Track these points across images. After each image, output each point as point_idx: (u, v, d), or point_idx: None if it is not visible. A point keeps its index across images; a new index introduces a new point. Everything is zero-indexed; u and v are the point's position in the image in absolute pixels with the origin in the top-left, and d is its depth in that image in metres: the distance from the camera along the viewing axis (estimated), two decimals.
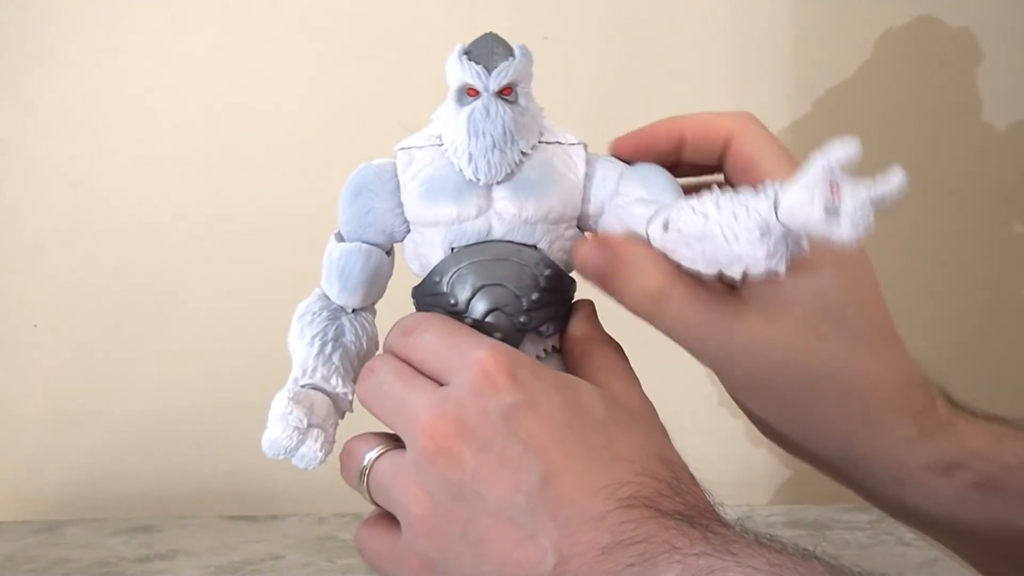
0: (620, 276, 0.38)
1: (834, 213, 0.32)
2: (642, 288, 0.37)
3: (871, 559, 0.61)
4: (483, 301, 0.38)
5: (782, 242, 0.34)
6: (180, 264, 0.75)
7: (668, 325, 0.38)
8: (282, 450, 0.37)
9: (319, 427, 0.38)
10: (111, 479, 0.76)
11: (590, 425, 0.34)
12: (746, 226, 0.34)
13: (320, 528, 0.69)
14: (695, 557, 0.30)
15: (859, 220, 0.32)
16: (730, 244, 0.35)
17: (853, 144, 0.32)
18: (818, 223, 0.32)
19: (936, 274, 0.78)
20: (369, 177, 0.39)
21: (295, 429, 0.37)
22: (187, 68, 0.74)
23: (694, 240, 0.36)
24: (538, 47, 0.39)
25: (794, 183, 0.33)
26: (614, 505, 0.32)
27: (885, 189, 0.32)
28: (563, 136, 0.40)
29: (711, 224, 0.36)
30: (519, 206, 0.38)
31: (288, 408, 0.37)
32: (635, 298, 0.37)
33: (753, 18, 0.75)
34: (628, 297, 0.38)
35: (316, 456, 0.38)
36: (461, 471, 0.34)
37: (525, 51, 0.38)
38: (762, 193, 0.35)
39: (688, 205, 0.37)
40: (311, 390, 0.39)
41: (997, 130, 0.78)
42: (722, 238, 0.35)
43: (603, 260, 0.38)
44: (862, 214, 0.32)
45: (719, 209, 0.36)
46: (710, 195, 0.37)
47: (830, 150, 0.33)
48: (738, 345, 0.37)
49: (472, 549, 0.33)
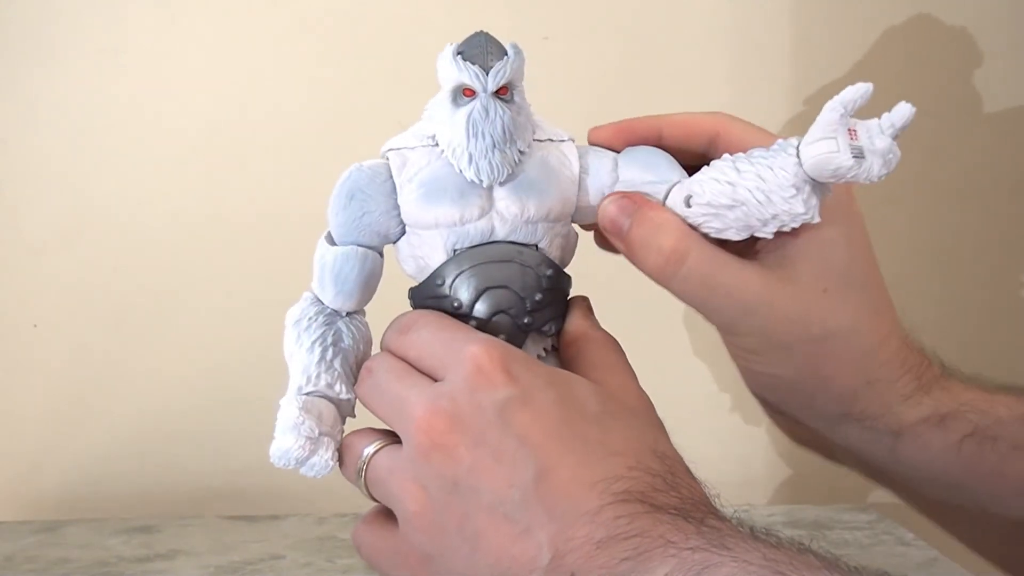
0: (640, 233, 0.38)
1: (860, 155, 0.35)
2: (659, 245, 0.38)
3: (871, 559, 0.61)
4: (487, 304, 0.38)
5: (814, 193, 0.36)
6: (180, 264, 0.75)
7: (682, 284, 0.38)
8: (293, 460, 0.36)
9: (328, 435, 0.37)
10: (111, 479, 0.76)
11: (584, 419, 0.34)
12: (778, 184, 0.36)
13: (320, 528, 0.69)
14: (690, 551, 0.30)
15: (891, 158, 0.35)
16: (764, 206, 0.37)
17: (864, 87, 0.35)
18: (850, 168, 0.35)
19: (935, 274, 0.78)
20: (363, 180, 0.39)
21: (307, 439, 0.36)
22: (187, 68, 0.74)
23: (725, 210, 0.38)
24: (538, 47, 0.39)
25: (812, 135, 0.35)
26: (609, 499, 0.32)
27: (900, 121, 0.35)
28: (553, 132, 0.40)
29: (740, 191, 0.37)
30: (521, 206, 0.38)
31: (300, 418, 0.37)
32: (652, 255, 0.38)
33: (753, 18, 0.75)
34: (646, 254, 0.39)
35: (327, 465, 0.37)
36: (456, 466, 0.34)
37: (518, 50, 0.38)
38: (780, 151, 0.37)
39: (707, 177, 0.38)
40: (317, 398, 0.38)
41: (997, 130, 0.78)
42: (755, 202, 0.37)
43: (626, 216, 0.39)
44: (893, 153, 0.35)
45: (742, 175, 0.37)
46: (724, 163, 0.38)
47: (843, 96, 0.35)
48: (754, 302, 0.38)
49: (468, 544, 0.33)
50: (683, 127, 0.41)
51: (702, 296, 0.39)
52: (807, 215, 0.37)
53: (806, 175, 0.36)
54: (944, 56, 0.76)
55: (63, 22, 0.72)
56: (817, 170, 0.36)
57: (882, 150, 0.35)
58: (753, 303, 0.38)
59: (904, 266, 0.77)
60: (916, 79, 0.76)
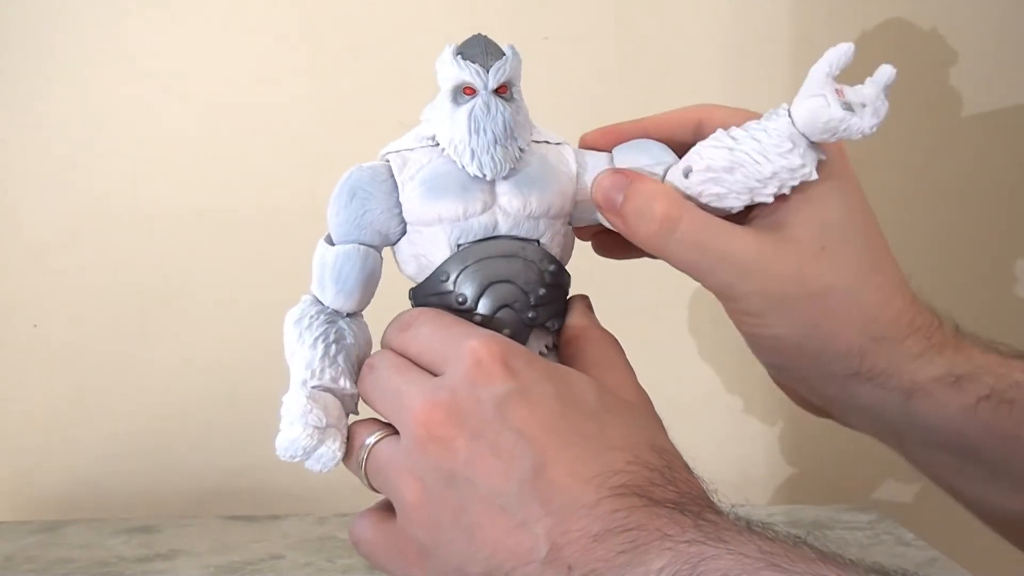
0: (633, 204, 0.39)
1: (849, 109, 0.37)
2: (652, 213, 0.39)
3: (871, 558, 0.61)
4: (491, 298, 0.38)
5: (810, 150, 0.38)
6: (180, 264, 0.75)
7: (676, 248, 0.39)
8: (300, 451, 0.36)
9: (335, 427, 0.37)
10: (111, 479, 0.76)
11: (583, 414, 0.35)
12: (773, 143, 0.38)
13: (320, 528, 0.69)
14: (686, 544, 0.30)
15: (879, 107, 0.37)
16: (761, 165, 0.38)
17: (846, 46, 0.37)
18: (841, 120, 0.37)
19: (934, 273, 0.78)
20: (363, 179, 0.39)
21: (315, 428, 0.36)
22: (187, 68, 0.74)
23: (724, 173, 0.39)
24: (538, 47, 0.39)
25: (801, 95, 0.37)
26: (606, 493, 0.32)
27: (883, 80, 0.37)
28: (549, 135, 0.41)
29: (737, 153, 0.38)
30: (524, 200, 0.38)
31: (308, 407, 0.36)
32: (645, 223, 0.39)
33: (753, 18, 0.75)
34: (639, 223, 0.39)
35: (335, 456, 0.37)
36: (453, 459, 0.34)
37: (515, 51, 0.38)
38: (771, 115, 0.38)
39: (705, 146, 0.39)
40: (322, 391, 0.38)
41: (998, 129, 0.78)
42: (752, 161, 0.38)
43: (619, 190, 0.39)
44: (881, 102, 0.37)
45: (737, 140, 0.39)
46: (719, 134, 0.39)
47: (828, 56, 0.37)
48: (749, 262, 0.39)
49: (464, 536, 0.34)
50: (667, 122, 0.42)
51: (696, 260, 0.39)
52: (805, 168, 0.38)
53: (799, 132, 0.38)
54: (945, 56, 0.76)
55: (63, 22, 0.72)
56: (810, 126, 0.37)
57: (871, 98, 0.37)
58: (748, 263, 0.39)
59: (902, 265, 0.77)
60: (916, 78, 0.76)
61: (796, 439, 0.79)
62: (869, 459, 0.78)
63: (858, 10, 0.76)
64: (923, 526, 0.69)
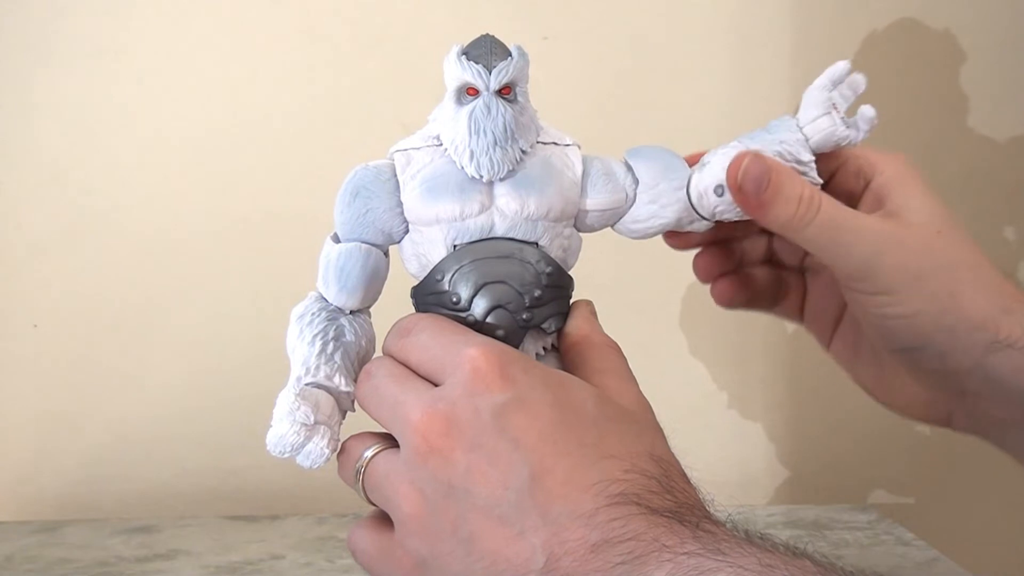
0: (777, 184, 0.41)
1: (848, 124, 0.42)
2: (799, 194, 0.41)
3: (871, 559, 0.61)
4: (485, 299, 0.38)
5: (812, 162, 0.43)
6: (180, 264, 0.75)
7: (817, 229, 0.41)
8: (288, 447, 0.37)
9: (325, 424, 0.38)
10: (111, 479, 0.76)
11: (580, 422, 0.34)
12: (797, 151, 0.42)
13: (320, 528, 0.69)
14: (685, 556, 0.30)
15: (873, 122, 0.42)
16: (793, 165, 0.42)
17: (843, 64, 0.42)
18: (846, 136, 0.42)
19: None
20: (367, 177, 0.39)
21: (302, 425, 0.37)
22: (188, 69, 0.74)
23: None
24: (538, 47, 0.39)
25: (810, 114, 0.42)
26: (603, 502, 0.32)
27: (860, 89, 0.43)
28: (558, 137, 0.41)
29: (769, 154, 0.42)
30: (521, 202, 0.38)
31: (295, 403, 0.37)
32: (792, 203, 0.41)
33: (753, 18, 0.75)
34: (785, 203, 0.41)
35: (323, 453, 0.37)
36: (452, 469, 0.34)
37: (522, 51, 0.38)
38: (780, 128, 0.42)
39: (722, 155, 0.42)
40: (315, 388, 0.38)
41: (998, 131, 0.78)
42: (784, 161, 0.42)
43: (762, 171, 0.41)
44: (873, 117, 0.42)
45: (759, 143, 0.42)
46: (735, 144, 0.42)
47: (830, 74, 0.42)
48: (886, 238, 0.41)
49: (463, 547, 0.33)
50: None
51: (836, 238, 0.41)
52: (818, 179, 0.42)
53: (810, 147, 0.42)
54: (946, 56, 0.76)
55: (63, 22, 0.72)
56: (822, 144, 0.42)
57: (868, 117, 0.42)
58: (882, 239, 0.41)
59: None
60: (917, 78, 0.76)
61: (796, 439, 0.79)
62: (869, 460, 0.79)
63: (859, 9, 0.76)
64: (923, 526, 0.69)
